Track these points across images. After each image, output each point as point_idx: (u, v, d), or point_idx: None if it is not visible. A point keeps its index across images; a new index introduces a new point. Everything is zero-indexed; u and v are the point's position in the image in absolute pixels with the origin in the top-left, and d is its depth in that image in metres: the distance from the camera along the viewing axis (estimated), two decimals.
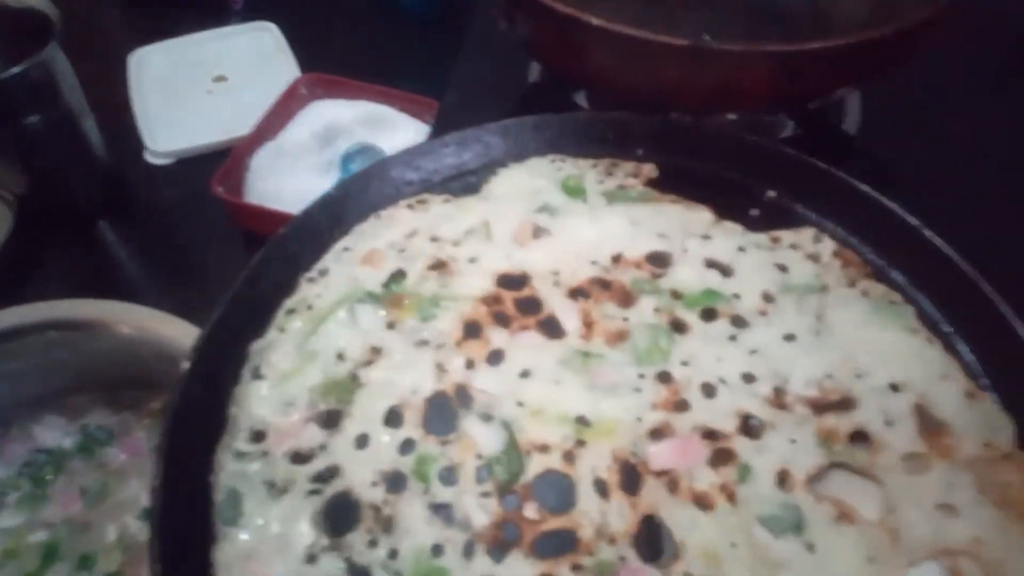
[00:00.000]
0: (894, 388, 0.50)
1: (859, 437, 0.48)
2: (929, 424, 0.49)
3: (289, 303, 0.56)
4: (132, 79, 0.99)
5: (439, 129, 0.83)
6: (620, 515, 0.44)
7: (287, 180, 0.83)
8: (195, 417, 0.49)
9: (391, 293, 0.56)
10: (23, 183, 0.84)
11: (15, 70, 0.74)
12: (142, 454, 0.66)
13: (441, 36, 1.07)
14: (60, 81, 0.79)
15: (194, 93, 0.99)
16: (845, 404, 0.50)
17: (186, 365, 0.50)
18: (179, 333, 0.61)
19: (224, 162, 0.83)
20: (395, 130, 0.86)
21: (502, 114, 0.67)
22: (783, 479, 0.46)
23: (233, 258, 0.84)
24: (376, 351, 0.53)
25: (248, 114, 0.89)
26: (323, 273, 0.58)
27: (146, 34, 1.07)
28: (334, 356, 0.53)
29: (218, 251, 0.85)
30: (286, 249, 0.58)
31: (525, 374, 0.51)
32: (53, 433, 0.67)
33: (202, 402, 0.50)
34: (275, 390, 0.51)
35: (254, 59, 1.04)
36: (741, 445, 0.47)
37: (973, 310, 0.52)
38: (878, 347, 0.52)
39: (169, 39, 1.06)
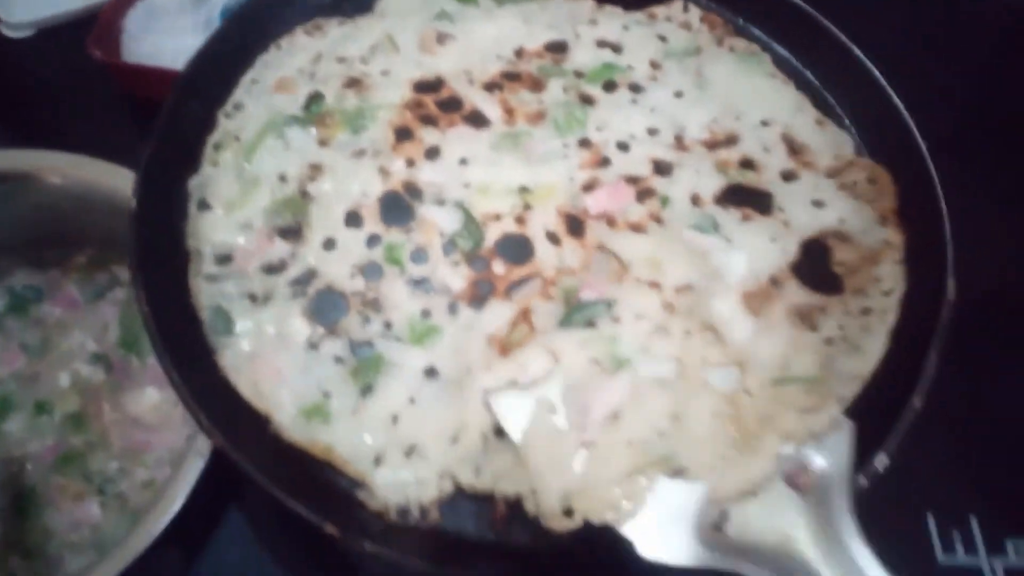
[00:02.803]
0: (764, 123, 0.60)
1: (746, 163, 0.58)
2: (794, 147, 0.60)
3: (213, 139, 0.56)
4: None
5: None
6: (573, 253, 0.52)
7: (166, 41, 0.77)
8: (158, 250, 0.50)
9: (315, 114, 0.58)
10: None
11: None
12: (78, 307, 0.65)
13: None
14: None
15: None
16: (731, 140, 0.59)
17: (133, 202, 0.50)
18: (102, 177, 0.59)
19: (94, 27, 0.76)
20: None
21: None
22: (696, 200, 0.55)
23: (115, 128, 0.79)
24: (316, 168, 0.55)
25: None
26: (238, 107, 0.58)
27: None
28: (276, 179, 0.55)
29: (97, 123, 0.79)
30: (196, 86, 0.57)
31: (464, 161, 0.56)
32: None
33: (160, 237, 0.51)
34: (228, 217, 0.53)
35: None
36: (658, 183, 0.55)
37: (818, 46, 0.62)
38: (748, 92, 0.62)
39: None
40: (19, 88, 0.85)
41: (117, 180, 0.59)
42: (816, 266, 0.54)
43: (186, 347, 0.46)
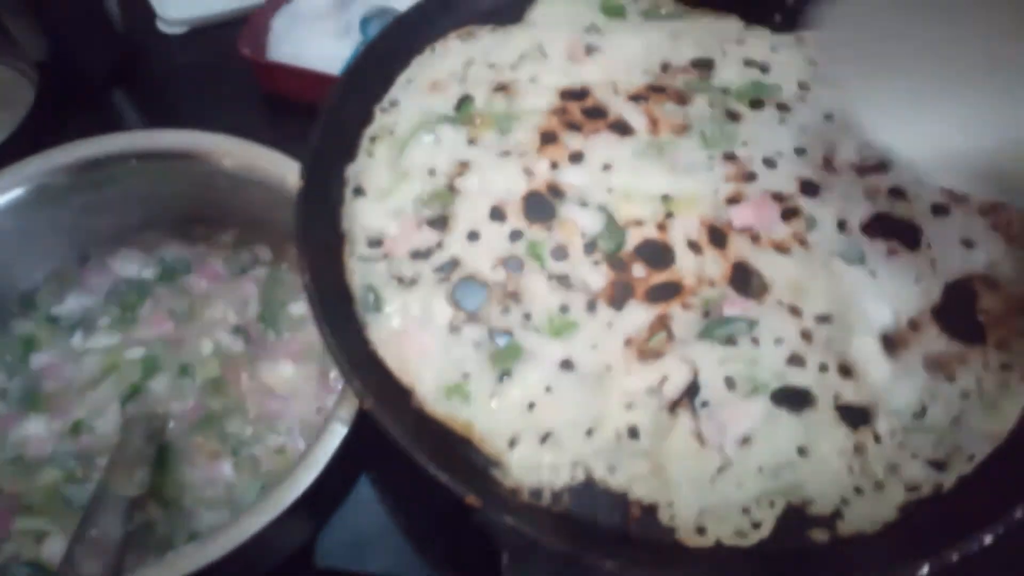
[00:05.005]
0: None
1: (897, 192, 0.56)
2: None
3: (370, 132, 0.60)
4: None
5: None
6: (714, 264, 0.52)
7: (308, 44, 0.83)
8: (316, 229, 0.53)
9: (465, 115, 0.60)
10: (42, 49, 0.82)
11: None
12: (222, 280, 0.69)
13: None
14: None
15: None
16: (882, 167, 0.57)
17: (300, 183, 0.53)
18: (261, 162, 0.63)
19: (239, 29, 0.83)
20: None
21: None
22: (842, 226, 0.54)
23: (253, 124, 0.84)
24: (464, 164, 0.58)
25: None
26: (394, 103, 0.62)
27: None
28: (426, 172, 0.57)
29: (237, 117, 0.85)
30: (358, 81, 0.60)
31: (607, 167, 0.57)
32: (131, 265, 0.70)
33: (318, 217, 0.54)
34: (380, 204, 0.56)
35: None
36: (804, 202, 0.55)
37: None
38: None
39: None
40: (169, 80, 0.92)
41: (278, 165, 0.63)
42: (959, 312, 0.52)
43: (340, 318, 0.49)
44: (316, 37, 0.86)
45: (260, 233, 0.72)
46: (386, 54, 0.63)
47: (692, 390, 0.47)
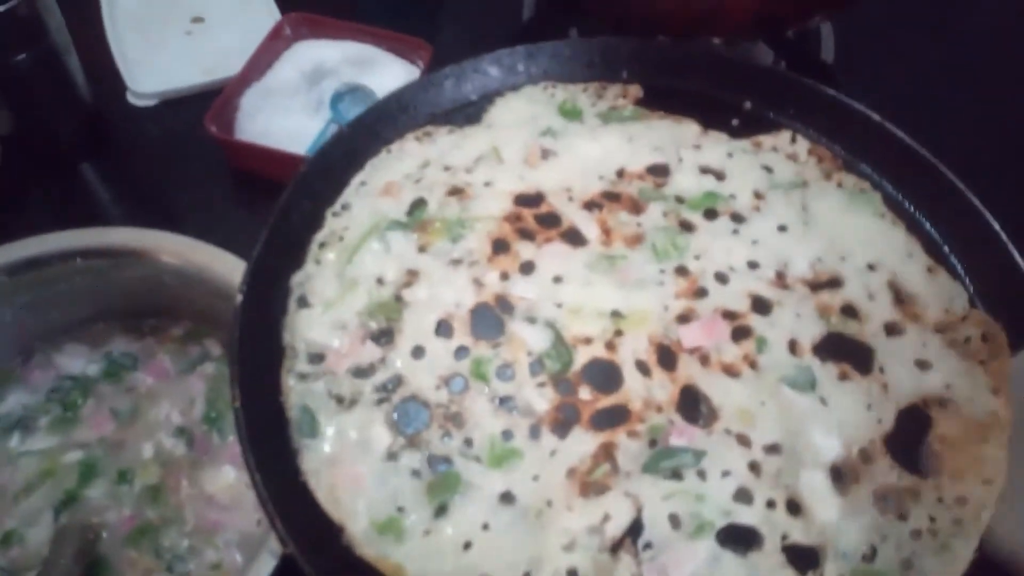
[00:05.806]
0: (871, 267, 0.58)
1: (849, 310, 0.55)
2: (901, 296, 0.57)
3: (319, 237, 0.59)
4: (106, 20, 0.96)
5: (436, 65, 0.83)
6: (663, 388, 0.51)
7: (277, 120, 0.83)
8: (255, 344, 0.51)
9: (417, 220, 0.60)
10: (8, 123, 0.82)
11: (3, 7, 0.71)
12: (169, 378, 0.67)
13: None
14: (47, 18, 0.77)
15: (172, 34, 0.98)
16: (834, 283, 0.57)
17: (239, 297, 0.52)
18: (209, 260, 0.62)
19: (211, 103, 0.83)
20: (383, 70, 0.86)
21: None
22: (794, 347, 0.53)
23: (221, 199, 0.84)
24: (413, 273, 0.57)
25: (229, 56, 0.89)
26: (346, 207, 0.61)
27: None
28: (374, 281, 0.56)
29: (205, 192, 0.85)
30: (310, 186, 0.60)
31: (558, 279, 0.56)
32: (76, 361, 0.68)
33: (259, 330, 0.52)
34: (324, 316, 0.54)
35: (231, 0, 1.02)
36: (756, 321, 0.54)
37: (932, 190, 0.60)
38: (855, 232, 0.60)
39: None
40: (139, 153, 0.92)
41: (223, 265, 0.62)
42: (912, 439, 0.50)
43: (271, 447, 0.47)
44: (286, 114, 0.86)
45: (211, 326, 0.70)
46: (340, 157, 0.62)
47: (635, 529, 0.45)
